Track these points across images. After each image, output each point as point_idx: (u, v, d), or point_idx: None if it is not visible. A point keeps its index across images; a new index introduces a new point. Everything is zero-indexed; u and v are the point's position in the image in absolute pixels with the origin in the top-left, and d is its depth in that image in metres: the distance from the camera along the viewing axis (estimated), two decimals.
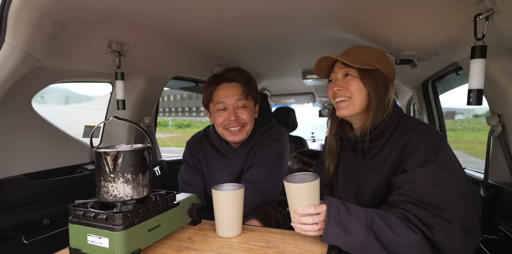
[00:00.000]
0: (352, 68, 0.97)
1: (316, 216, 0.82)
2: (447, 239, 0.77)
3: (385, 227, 0.79)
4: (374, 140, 0.96)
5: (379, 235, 0.79)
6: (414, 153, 0.87)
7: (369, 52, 1.01)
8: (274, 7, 1.11)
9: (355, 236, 0.79)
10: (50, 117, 1.45)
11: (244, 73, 1.28)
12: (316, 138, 5.19)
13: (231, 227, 0.91)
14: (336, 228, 0.80)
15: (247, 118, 1.25)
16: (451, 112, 12.12)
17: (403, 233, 0.78)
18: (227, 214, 0.91)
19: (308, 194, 0.83)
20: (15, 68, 0.97)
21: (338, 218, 0.81)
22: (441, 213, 0.79)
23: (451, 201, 0.80)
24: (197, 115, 39.04)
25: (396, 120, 0.97)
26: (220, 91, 1.25)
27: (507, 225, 1.16)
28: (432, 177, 0.83)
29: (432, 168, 0.84)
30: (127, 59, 1.45)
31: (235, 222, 0.91)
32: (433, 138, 0.89)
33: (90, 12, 1.11)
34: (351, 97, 0.97)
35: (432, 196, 0.81)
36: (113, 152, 0.76)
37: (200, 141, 1.40)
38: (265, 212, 1.14)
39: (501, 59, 1.11)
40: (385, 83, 0.97)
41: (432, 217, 0.79)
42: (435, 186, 0.82)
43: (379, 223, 0.80)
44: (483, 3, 0.86)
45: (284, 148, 1.33)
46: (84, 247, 0.74)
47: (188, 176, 1.38)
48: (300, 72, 2.46)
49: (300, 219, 0.83)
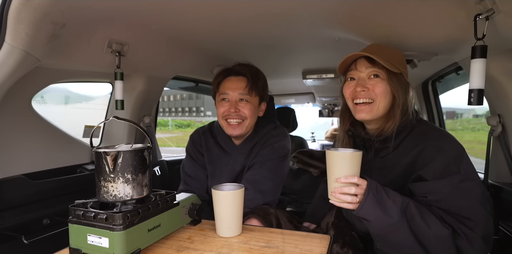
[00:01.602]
0: (381, 69, 0.93)
1: (357, 187, 0.81)
2: (468, 245, 0.79)
3: (418, 215, 0.80)
4: (388, 141, 0.95)
5: (411, 221, 0.80)
6: (432, 162, 0.87)
7: (392, 53, 0.98)
8: (274, 7, 1.11)
9: (390, 215, 0.79)
10: (50, 117, 1.45)
11: (252, 69, 1.31)
12: (316, 138, 5.19)
13: (231, 227, 0.91)
14: (374, 203, 0.80)
15: (247, 113, 1.26)
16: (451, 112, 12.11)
17: (435, 225, 0.79)
18: (227, 214, 0.90)
19: (352, 165, 0.82)
20: (15, 68, 0.97)
21: (377, 194, 0.81)
22: (466, 221, 0.81)
23: (475, 211, 0.82)
24: (197, 115, 39.06)
25: (412, 123, 0.95)
26: (226, 83, 1.29)
27: (507, 225, 1.16)
28: (457, 188, 0.83)
29: (457, 179, 0.84)
30: (127, 59, 1.45)
31: (235, 222, 0.91)
32: (452, 146, 0.88)
33: (90, 12, 1.11)
34: (375, 101, 0.94)
35: (458, 207, 0.82)
36: (113, 152, 0.76)
37: (204, 135, 1.40)
38: (264, 211, 1.14)
39: (501, 59, 1.11)
40: (407, 88, 0.96)
41: (456, 223, 0.81)
42: (460, 197, 0.83)
43: (413, 210, 0.81)
44: (483, 3, 0.86)
45: (286, 149, 1.33)
46: (84, 247, 0.74)
47: (191, 169, 1.38)
48: (300, 72, 2.46)
49: (342, 188, 0.81)
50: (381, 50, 0.98)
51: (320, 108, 4.36)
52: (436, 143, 0.88)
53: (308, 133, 5.24)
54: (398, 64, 0.95)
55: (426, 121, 1.04)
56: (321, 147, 4.30)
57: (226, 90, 1.27)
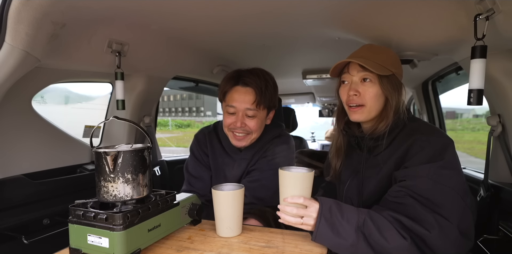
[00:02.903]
0: (371, 73, 0.94)
1: (302, 208, 0.82)
2: (442, 235, 0.77)
3: (376, 231, 0.78)
4: (381, 139, 0.96)
5: (369, 238, 0.78)
6: (418, 153, 0.87)
7: (385, 55, 0.99)
8: (274, 7, 1.11)
9: (344, 237, 0.79)
10: (50, 117, 1.45)
11: (261, 79, 1.22)
12: (316, 138, 5.19)
13: (231, 227, 0.91)
14: (326, 228, 0.79)
15: (253, 128, 1.22)
16: (451, 112, 12.12)
17: (393, 238, 0.77)
18: (227, 214, 0.91)
19: (301, 185, 0.83)
20: (15, 68, 0.97)
21: (330, 217, 0.80)
22: (439, 209, 0.79)
23: (451, 199, 0.81)
24: (197, 115, 39.09)
25: (403, 121, 0.97)
26: (233, 94, 1.22)
27: (507, 225, 1.16)
28: (435, 174, 0.83)
29: (437, 165, 0.84)
30: (127, 59, 1.45)
31: (235, 222, 0.91)
32: (439, 139, 0.89)
33: (90, 12, 1.11)
34: (366, 105, 0.96)
35: (433, 192, 0.81)
36: (113, 152, 0.76)
37: (209, 136, 1.38)
38: (260, 210, 1.15)
39: (501, 59, 1.11)
40: (399, 88, 0.97)
41: (430, 212, 0.79)
42: (437, 183, 0.82)
43: (370, 226, 0.79)
44: (483, 3, 0.86)
45: (288, 160, 1.31)
46: (84, 247, 0.74)
47: (195, 169, 1.36)
48: (300, 72, 2.46)
49: (284, 207, 0.83)
50: (373, 52, 0.99)
51: (320, 108, 4.36)
52: (424, 137, 0.89)
53: (308, 133, 5.24)
54: (390, 65, 0.96)
55: (417, 118, 1.05)
56: (321, 147, 4.30)
57: (233, 102, 1.21)
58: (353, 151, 1.09)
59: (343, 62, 0.99)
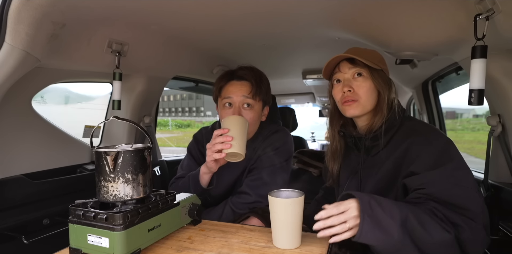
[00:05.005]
0: (363, 67, 0.97)
1: (341, 215, 0.76)
2: (472, 237, 0.77)
3: (419, 226, 0.75)
4: (378, 138, 0.97)
5: (413, 234, 0.74)
6: (421, 156, 0.87)
7: (371, 53, 1.02)
8: (274, 6, 1.12)
9: (390, 233, 0.73)
10: (50, 117, 1.45)
11: (256, 73, 1.27)
12: (316, 138, 5.20)
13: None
14: (370, 225, 0.73)
15: (250, 120, 1.22)
16: (451, 112, 12.12)
17: (437, 232, 0.75)
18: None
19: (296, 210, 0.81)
20: (15, 68, 0.97)
21: (372, 213, 0.74)
22: (465, 212, 0.79)
23: (473, 200, 0.81)
24: (197, 115, 39.08)
25: (400, 120, 0.98)
26: (229, 87, 1.25)
27: (507, 225, 1.16)
28: (452, 176, 0.82)
29: (451, 167, 0.83)
30: (127, 59, 1.45)
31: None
32: (438, 139, 0.89)
33: (90, 12, 1.11)
34: (359, 101, 0.98)
35: (457, 196, 0.80)
36: (113, 152, 0.76)
37: (207, 136, 1.39)
38: (262, 209, 1.16)
39: (501, 59, 1.11)
40: (390, 84, 1.00)
41: (458, 216, 0.78)
42: (456, 185, 0.81)
43: (413, 221, 0.75)
44: (483, 3, 0.86)
45: (288, 153, 1.31)
46: (84, 247, 0.74)
47: (189, 166, 1.37)
48: (300, 72, 2.46)
49: (325, 222, 0.75)
50: (360, 51, 1.02)
51: (320, 108, 4.36)
52: (422, 137, 0.90)
53: (308, 133, 5.24)
54: (378, 61, 1.00)
55: (413, 117, 1.06)
56: (321, 147, 4.31)
57: (229, 94, 1.23)
58: (350, 152, 1.09)
59: (334, 60, 1.01)
